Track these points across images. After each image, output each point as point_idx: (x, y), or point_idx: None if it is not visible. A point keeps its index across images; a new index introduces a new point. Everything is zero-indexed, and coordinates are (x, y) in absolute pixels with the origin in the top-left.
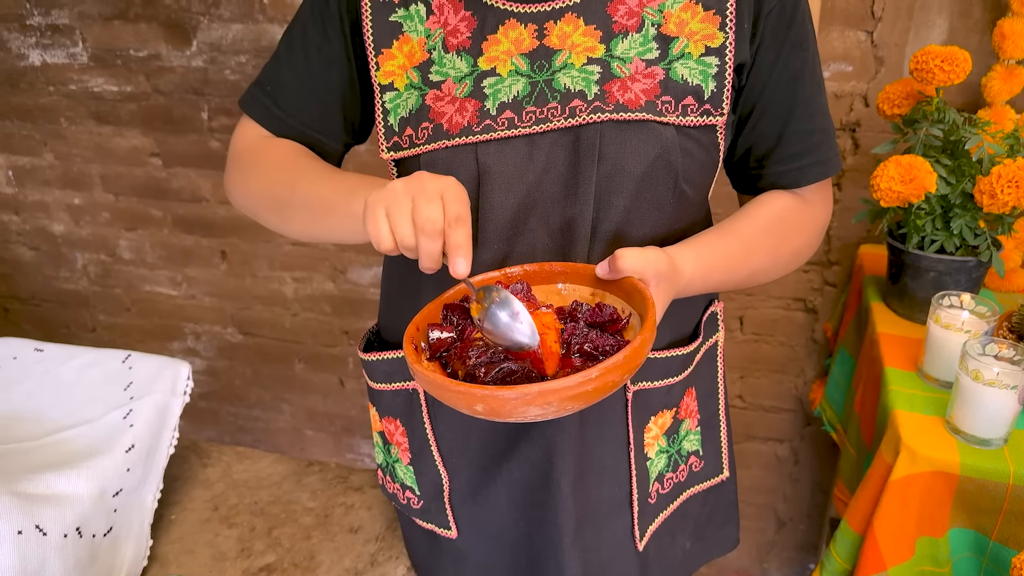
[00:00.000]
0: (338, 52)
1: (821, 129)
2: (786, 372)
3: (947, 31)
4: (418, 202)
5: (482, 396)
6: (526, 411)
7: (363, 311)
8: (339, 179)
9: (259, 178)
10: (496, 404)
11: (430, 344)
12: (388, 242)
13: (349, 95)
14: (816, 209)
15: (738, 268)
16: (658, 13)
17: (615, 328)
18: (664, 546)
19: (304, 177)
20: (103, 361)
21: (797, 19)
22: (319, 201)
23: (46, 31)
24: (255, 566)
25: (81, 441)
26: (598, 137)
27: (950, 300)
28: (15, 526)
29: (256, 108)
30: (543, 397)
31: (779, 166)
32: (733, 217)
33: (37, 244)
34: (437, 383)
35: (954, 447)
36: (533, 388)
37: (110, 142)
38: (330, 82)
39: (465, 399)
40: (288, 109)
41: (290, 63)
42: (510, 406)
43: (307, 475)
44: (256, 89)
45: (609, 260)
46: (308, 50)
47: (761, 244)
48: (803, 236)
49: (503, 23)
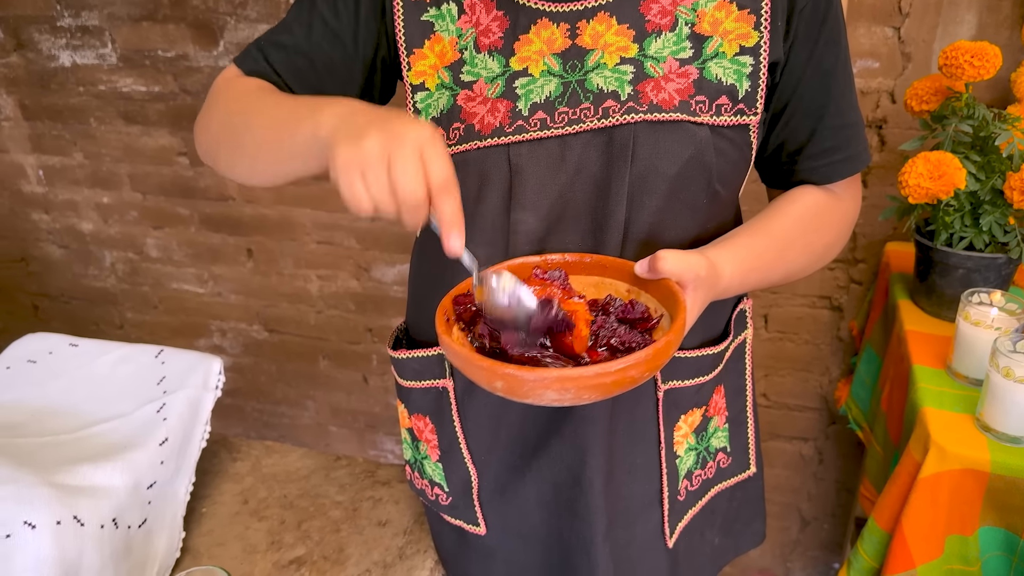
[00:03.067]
0: (344, 30)
1: (852, 124)
2: (811, 370)
3: (976, 26)
4: (395, 165)
5: (502, 374)
6: (543, 394)
7: (387, 308)
8: (292, 104)
9: (217, 109)
10: (514, 383)
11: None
12: (367, 207)
13: (344, 77)
14: (846, 203)
15: (774, 267)
16: (692, 12)
17: (645, 326)
18: (693, 542)
19: (262, 105)
20: (136, 356)
21: (831, 15)
22: (269, 129)
23: (76, 32)
24: (285, 558)
25: (116, 434)
26: (631, 138)
27: (980, 297)
28: (54, 516)
29: (247, 61)
30: (560, 383)
31: (811, 162)
32: (765, 214)
33: (67, 242)
34: (462, 356)
35: (984, 445)
36: (552, 373)
37: (138, 142)
38: (328, 58)
39: (487, 375)
40: (277, 69)
41: (291, 29)
42: (528, 387)
43: (335, 469)
44: (252, 46)
45: (650, 260)
46: (313, 20)
47: (796, 241)
48: (834, 231)
49: (535, 23)
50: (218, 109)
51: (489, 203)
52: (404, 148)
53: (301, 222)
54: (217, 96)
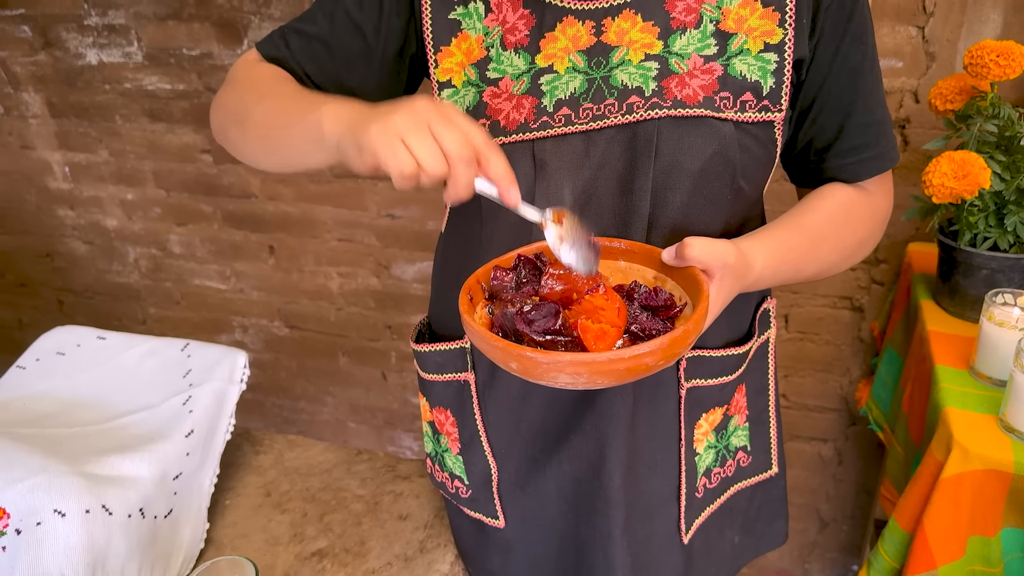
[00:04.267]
0: (366, 22)
1: (880, 122)
2: (831, 371)
3: (1001, 26)
4: (436, 128)
5: (516, 355)
6: (556, 377)
7: (406, 306)
8: (305, 95)
9: (234, 89)
10: (528, 365)
11: (490, 286)
12: (411, 167)
13: (361, 69)
14: (878, 200)
15: (806, 261)
16: (716, 9)
17: (667, 314)
18: (712, 540)
19: (274, 92)
20: (163, 350)
21: (856, 12)
22: (278, 114)
23: (103, 31)
24: (307, 551)
25: (143, 426)
26: (655, 133)
27: (1004, 297)
28: (83, 505)
29: (268, 46)
30: (573, 367)
31: (840, 159)
32: (797, 209)
33: (91, 238)
34: (480, 335)
35: (1007, 445)
36: (565, 356)
37: (163, 139)
38: (347, 48)
39: (503, 355)
40: (296, 55)
41: (315, 19)
42: (541, 369)
43: (356, 463)
44: (275, 32)
45: (677, 246)
46: (336, 11)
47: (828, 237)
48: (867, 227)
49: (561, 20)
50: (234, 89)
51: None
52: (438, 115)
53: (322, 219)
54: (235, 78)
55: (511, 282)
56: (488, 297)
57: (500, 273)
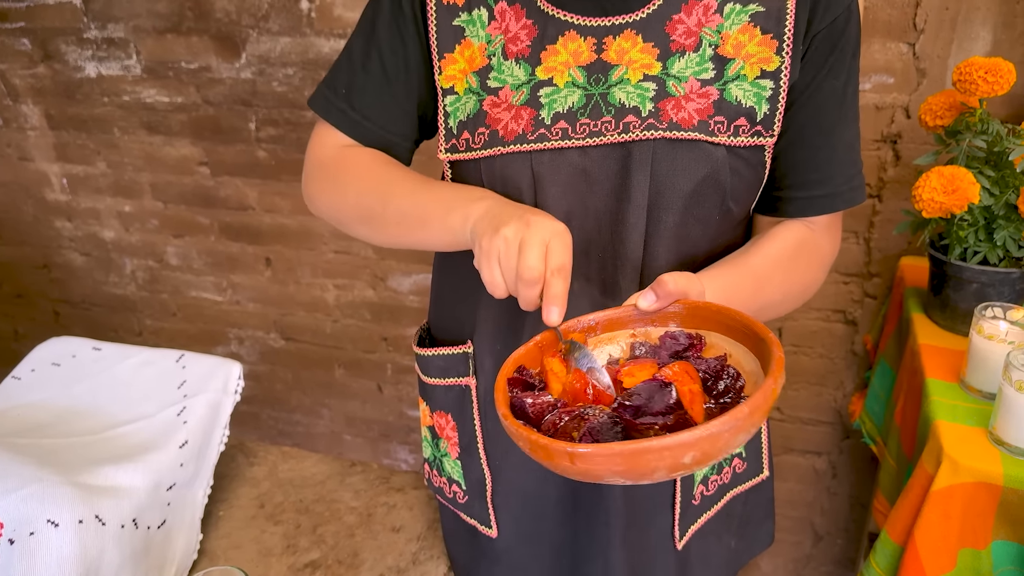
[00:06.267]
0: (414, 53)
1: (840, 161)
2: (825, 384)
3: (991, 43)
4: (523, 250)
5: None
6: (726, 449)
7: (402, 318)
8: (431, 191)
9: (346, 190)
10: (707, 445)
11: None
12: (501, 291)
13: (426, 95)
14: (823, 244)
15: (748, 303)
16: (716, 34)
17: (696, 351)
18: (709, 545)
19: (395, 189)
20: (158, 360)
21: (840, 45)
22: (414, 214)
23: (102, 44)
24: (300, 562)
25: (137, 436)
26: (650, 154)
27: (993, 311)
28: (76, 515)
29: (333, 113)
30: (733, 432)
31: (790, 192)
32: (744, 250)
33: (88, 250)
34: (620, 451)
35: (997, 458)
36: (727, 421)
37: (160, 151)
38: (408, 84)
39: (658, 458)
40: (365, 112)
41: (366, 67)
42: (719, 446)
43: (350, 475)
44: (329, 92)
45: (654, 287)
46: (383, 53)
47: (773, 280)
48: (812, 272)
49: (563, 34)
50: (344, 188)
51: None
52: (534, 236)
53: (319, 232)
54: (335, 171)
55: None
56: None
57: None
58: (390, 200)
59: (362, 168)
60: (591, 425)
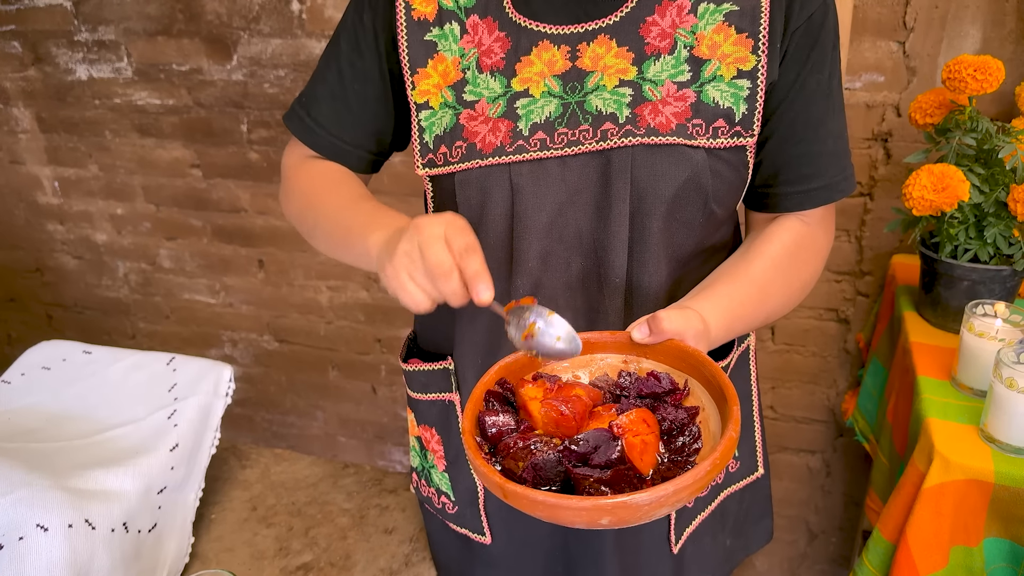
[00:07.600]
0: (370, 67)
1: (831, 152)
2: (818, 383)
3: (980, 41)
4: (424, 250)
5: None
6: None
7: (396, 319)
8: (353, 214)
9: (294, 200)
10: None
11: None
12: (424, 302)
13: (381, 110)
14: (819, 237)
15: (756, 313)
16: (691, 35)
17: (676, 399)
18: (704, 546)
19: (326, 207)
20: (148, 363)
21: (820, 40)
22: (336, 234)
23: (93, 47)
24: (292, 565)
25: (128, 440)
26: (629, 160)
27: (984, 309)
28: (66, 519)
29: (293, 120)
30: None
31: (786, 187)
32: (743, 257)
33: (81, 253)
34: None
35: (988, 455)
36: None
37: (152, 154)
38: (362, 96)
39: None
40: (320, 120)
41: (325, 77)
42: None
43: (343, 477)
44: (296, 103)
45: (649, 322)
46: (342, 65)
47: (776, 283)
48: (810, 267)
49: (536, 44)
50: (294, 199)
51: (492, 221)
52: (429, 237)
53: None
54: (292, 181)
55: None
56: (489, 451)
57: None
58: (319, 217)
59: (307, 182)
60: (535, 461)
